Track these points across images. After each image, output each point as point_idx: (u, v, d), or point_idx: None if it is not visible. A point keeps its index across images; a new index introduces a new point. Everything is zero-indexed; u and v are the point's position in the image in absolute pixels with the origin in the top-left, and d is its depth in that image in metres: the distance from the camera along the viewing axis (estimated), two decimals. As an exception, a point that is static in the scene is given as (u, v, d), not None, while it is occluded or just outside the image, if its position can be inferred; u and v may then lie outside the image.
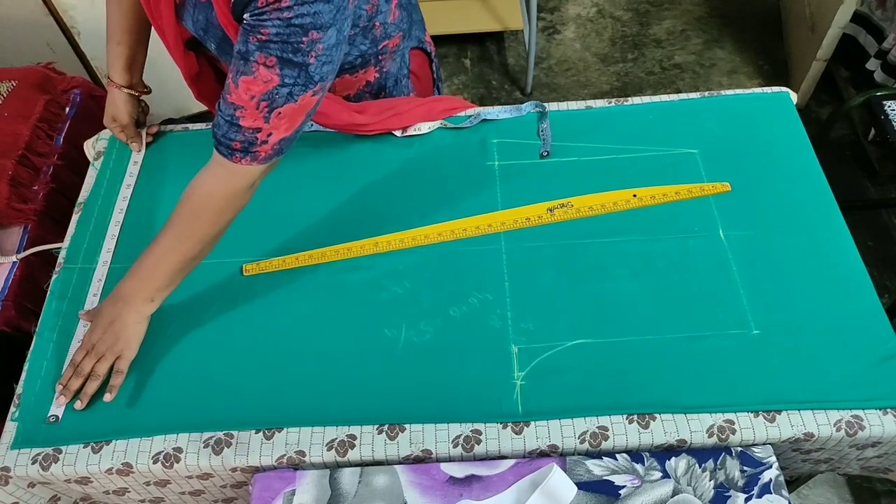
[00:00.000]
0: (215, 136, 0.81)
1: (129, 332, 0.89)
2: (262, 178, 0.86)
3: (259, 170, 0.84)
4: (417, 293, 0.96)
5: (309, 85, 0.77)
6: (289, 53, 0.74)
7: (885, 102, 1.67)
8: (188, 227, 0.87)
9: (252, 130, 0.79)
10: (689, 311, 0.92)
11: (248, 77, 0.76)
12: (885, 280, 1.82)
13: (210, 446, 0.84)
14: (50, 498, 0.90)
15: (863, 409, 0.83)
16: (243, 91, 0.77)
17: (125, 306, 0.89)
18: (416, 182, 1.08)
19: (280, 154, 0.84)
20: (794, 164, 1.06)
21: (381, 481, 0.81)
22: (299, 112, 0.80)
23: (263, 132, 0.79)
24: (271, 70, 0.75)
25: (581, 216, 1.02)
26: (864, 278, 0.94)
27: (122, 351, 0.89)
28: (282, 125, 0.80)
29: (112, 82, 1.08)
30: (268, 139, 0.80)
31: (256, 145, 0.80)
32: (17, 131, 1.22)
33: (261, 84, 0.76)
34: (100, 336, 0.89)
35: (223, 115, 0.80)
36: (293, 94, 0.77)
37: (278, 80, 0.76)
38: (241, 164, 0.82)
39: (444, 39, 2.45)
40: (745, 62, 2.37)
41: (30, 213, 1.18)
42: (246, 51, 0.75)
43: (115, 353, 0.89)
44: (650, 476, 0.80)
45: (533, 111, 1.15)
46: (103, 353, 0.88)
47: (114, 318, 0.89)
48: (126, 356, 0.89)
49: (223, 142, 0.81)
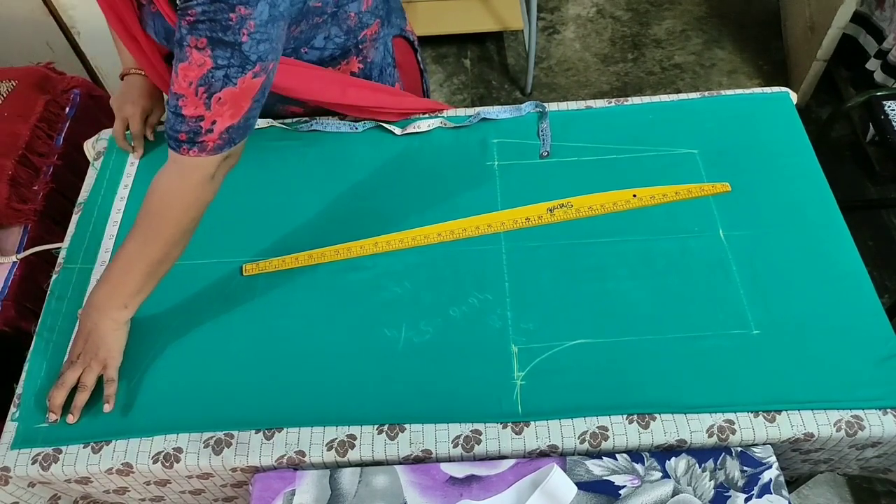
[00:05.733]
0: (166, 131, 0.80)
1: (108, 340, 0.88)
2: (221, 171, 0.84)
3: (210, 161, 0.81)
4: (417, 293, 0.96)
5: (246, 66, 0.75)
6: (218, 32, 0.73)
7: (885, 102, 1.67)
8: (152, 229, 0.85)
9: (195, 119, 0.77)
10: (688, 311, 0.92)
11: (183, 63, 0.75)
12: (885, 280, 1.82)
13: (210, 446, 0.84)
14: (50, 498, 0.90)
15: (863, 409, 0.83)
16: (182, 78, 0.76)
17: (99, 316, 0.87)
18: (416, 182, 1.08)
19: (231, 144, 0.81)
20: (794, 164, 1.06)
21: (381, 481, 0.81)
22: (242, 97, 0.78)
23: (207, 120, 0.78)
24: (203, 52, 0.73)
25: (581, 216, 1.02)
26: (864, 278, 0.94)
27: (105, 360, 0.87)
28: (225, 112, 0.78)
29: (130, 72, 1.09)
30: (213, 128, 0.78)
31: (202, 134, 0.78)
32: (17, 131, 1.22)
33: (195, 68, 0.74)
34: (81, 347, 0.88)
35: (169, 107, 0.78)
36: (230, 77, 0.75)
37: (211, 63, 0.74)
38: (190, 157, 0.80)
39: (444, 39, 2.45)
40: (745, 62, 2.37)
41: (30, 213, 1.18)
42: (180, 37, 0.74)
43: (101, 363, 0.87)
44: (650, 476, 0.80)
45: (533, 111, 1.15)
46: (88, 363, 0.87)
47: (91, 329, 0.88)
48: (111, 364, 0.88)
49: (171, 135, 0.80)
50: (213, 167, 0.82)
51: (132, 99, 1.09)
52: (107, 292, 0.88)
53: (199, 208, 0.85)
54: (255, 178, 1.09)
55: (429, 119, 1.13)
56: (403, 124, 1.13)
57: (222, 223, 1.04)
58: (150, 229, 0.85)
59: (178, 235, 0.85)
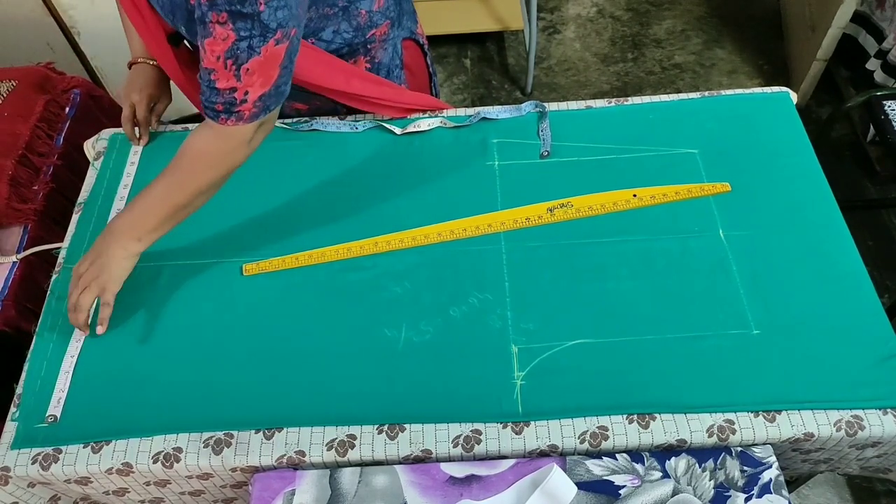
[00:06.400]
0: (202, 101, 0.83)
1: (114, 266, 0.90)
2: (258, 136, 0.87)
3: (248, 128, 0.84)
4: (417, 293, 0.96)
5: (267, 34, 0.77)
6: (236, 5, 0.74)
7: (885, 102, 1.67)
8: (180, 179, 0.89)
9: (228, 91, 0.80)
10: (688, 311, 0.92)
11: (209, 39, 0.77)
12: (886, 280, 1.82)
13: (210, 446, 0.84)
14: (50, 498, 0.90)
15: (863, 409, 0.83)
16: (210, 53, 0.78)
17: (114, 241, 0.90)
18: (416, 182, 1.08)
19: (266, 111, 0.84)
20: (794, 164, 1.06)
21: (381, 481, 0.81)
22: (268, 65, 0.80)
23: (239, 91, 0.80)
24: (225, 27, 0.75)
25: (581, 216, 1.02)
26: (864, 278, 0.94)
27: (105, 284, 0.90)
28: (255, 81, 0.80)
29: (138, 61, 1.10)
30: (246, 97, 0.81)
31: (237, 105, 0.81)
32: (17, 131, 1.22)
33: (220, 42, 0.77)
34: (86, 268, 0.91)
35: (203, 80, 0.81)
36: (253, 47, 0.77)
37: (234, 36, 0.76)
38: (228, 126, 0.83)
39: (444, 39, 2.45)
40: (745, 62, 2.37)
41: (30, 213, 1.18)
42: (201, 14, 0.76)
43: (100, 286, 0.90)
44: (650, 476, 0.80)
45: (533, 111, 1.15)
46: (88, 283, 0.90)
47: (101, 252, 0.91)
48: (109, 289, 0.91)
49: (208, 105, 0.82)
50: (251, 133, 0.86)
51: (139, 86, 1.10)
52: (126, 222, 0.91)
53: (230, 169, 0.89)
54: (255, 178, 1.08)
55: (429, 119, 1.13)
56: (403, 124, 1.13)
57: (222, 223, 1.04)
58: (178, 179, 0.89)
59: (206, 188, 0.89)
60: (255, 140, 0.87)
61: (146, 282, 0.99)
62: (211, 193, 0.91)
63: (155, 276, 0.99)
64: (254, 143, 0.88)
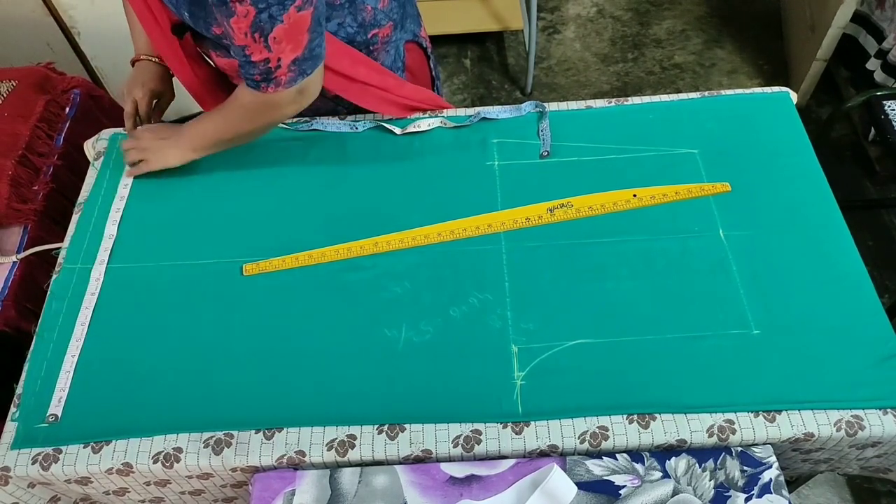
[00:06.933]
0: (242, 76, 0.90)
1: (166, 153, 1.05)
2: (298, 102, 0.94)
3: (288, 93, 0.91)
4: (417, 293, 0.96)
5: (286, 2, 0.79)
6: None
7: (885, 102, 1.67)
8: (230, 120, 1.00)
9: (263, 62, 0.85)
10: (688, 311, 0.92)
11: (233, 18, 0.80)
12: (885, 280, 1.82)
13: (210, 446, 0.84)
14: (50, 498, 0.90)
15: (863, 409, 0.83)
16: (237, 31, 0.82)
17: (179, 139, 1.04)
18: (416, 182, 1.08)
19: (303, 74, 0.89)
20: (794, 164, 1.06)
21: (381, 481, 0.81)
22: (295, 31, 0.83)
23: (272, 60, 0.85)
24: (244, 3, 0.78)
25: (581, 216, 1.02)
26: (864, 278, 0.94)
27: (149, 158, 1.05)
28: (285, 48, 0.84)
29: (141, 58, 1.11)
30: (280, 64, 0.86)
31: (273, 72, 0.87)
32: (17, 131, 1.22)
33: (243, 19, 0.80)
34: (149, 138, 1.06)
35: (239, 58, 0.86)
36: (274, 17, 0.80)
37: (254, 9, 0.79)
38: (269, 93, 0.90)
39: (444, 39, 2.45)
40: (745, 62, 2.37)
41: (30, 213, 1.18)
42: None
43: (146, 157, 1.05)
44: (650, 476, 0.80)
45: (533, 111, 1.15)
46: (140, 147, 1.05)
47: (168, 137, 1.05)
48: (150, 164, 1.06)
49: (248, 77, 0.89)
50: (291, 97, 0.92)
51: (142, 82, 1.10)
52: (192, 134, 1.04)
53: (272, 124, 1.01)
54: (255, 178, 1.09)
55: (429, 119, 1.13)
56: (403, 124, 1.13)
57: (222, 223, 1.04)
58: (228, 119, 1.00)
59: (246, 135, 1.01)
60: (295, 105, 0.94)
61: (146, 282, 0.99)
62: (254, 138, 1.02)
63: (155, 276, 0.99)
64: (292, 109, 0.95)
